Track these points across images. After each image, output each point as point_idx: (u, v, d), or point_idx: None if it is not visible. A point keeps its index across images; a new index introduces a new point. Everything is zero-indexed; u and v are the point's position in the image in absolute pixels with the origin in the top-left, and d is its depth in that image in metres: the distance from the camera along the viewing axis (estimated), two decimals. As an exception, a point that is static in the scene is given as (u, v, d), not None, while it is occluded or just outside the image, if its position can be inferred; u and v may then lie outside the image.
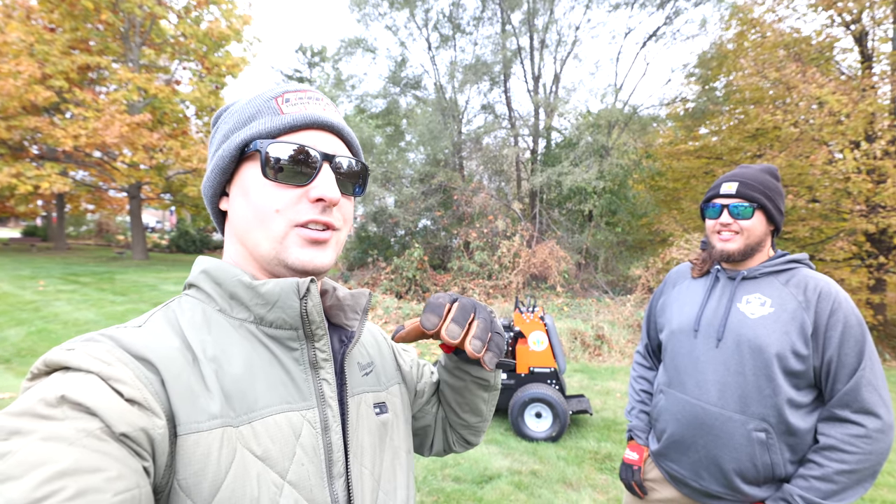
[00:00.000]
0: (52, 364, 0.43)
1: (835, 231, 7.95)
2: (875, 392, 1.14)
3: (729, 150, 10.03)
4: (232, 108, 0.61)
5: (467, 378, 0.75)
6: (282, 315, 0.54)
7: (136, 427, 0.41)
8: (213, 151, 0.60)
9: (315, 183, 0.55)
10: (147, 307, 8.20)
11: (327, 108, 0.59)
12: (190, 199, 17.22)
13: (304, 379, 0.55)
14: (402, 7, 11.68)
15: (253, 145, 0.55)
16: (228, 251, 0.61)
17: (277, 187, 0.54)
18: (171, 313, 0.54)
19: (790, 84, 7.43)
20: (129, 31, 14.64)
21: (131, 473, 0.39)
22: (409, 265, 9.27)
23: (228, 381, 0.49)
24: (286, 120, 0.56)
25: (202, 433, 0.45)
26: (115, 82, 14.11)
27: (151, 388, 0.44)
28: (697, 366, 1.32)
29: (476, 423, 0.81)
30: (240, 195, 0.57)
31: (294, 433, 0.51)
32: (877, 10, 7.57)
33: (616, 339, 6.66)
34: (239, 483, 0.46)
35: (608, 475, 3.15)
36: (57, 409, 0.39)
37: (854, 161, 6.78)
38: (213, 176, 0.58)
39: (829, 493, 1.13)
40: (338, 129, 0.59)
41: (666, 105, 11.61)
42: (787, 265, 1.29)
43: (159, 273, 12.82)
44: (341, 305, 0.64)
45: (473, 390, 0.76)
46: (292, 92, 0.58)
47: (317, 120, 0.57)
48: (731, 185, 1.30)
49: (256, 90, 0.61)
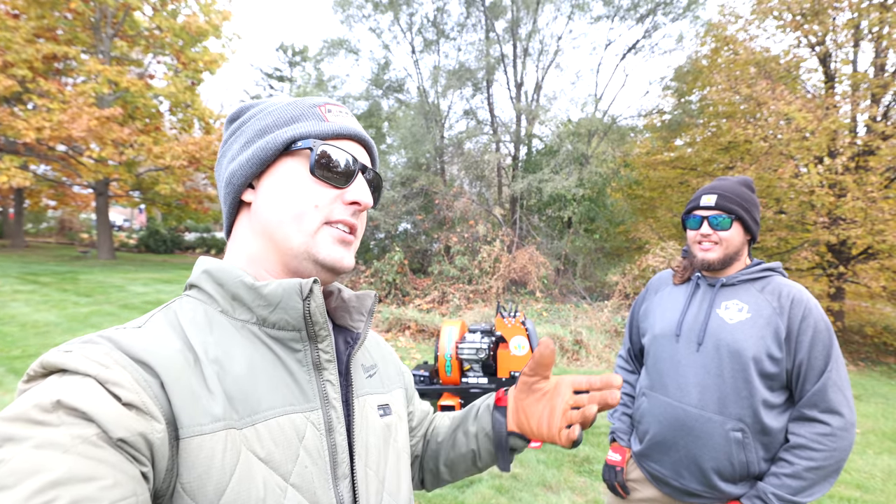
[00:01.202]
0: (48, 366, 0.42)
1: (800, 241, 8.31)
2: (840, 392, 1.22)
3: (703, 161, 10.39)
4: (262, 107, 0.62)
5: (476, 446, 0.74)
6: (284, 316, 0.54)
7: (134, 432, 0.40)
8: (241, 144, 0.60)
9: (352, 187, 0.59)
10: (114, 309, 7.91)
11: (358, 124, 0.64)
12: (162, 198, 16.64)
13: (308, 380, 0.55)
14: (387, 10, 11.68)
15: (304, 143, 0.58)
16: (241, 245, 0.60)
17: (319, 185, 0.58)
18: (172, 314, 0.53)
19: (760, 100, 7.76)
20: (101, 21, 14.15)
21: (128, 480, 0.38)
22: (389, 269, 9.23)
23: (231, 382, 0.49)
24: (333, 127, 0.60)
25: (205, 436, 0.45)
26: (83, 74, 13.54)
27: (150, 391, 0.44)
28: (679, 369, 1.37)
29: (444, 479, 0.81)
30: (277, 186, 0.58)
31: (297, 435, 0.51)
32: (839, 34, 8.00)
33: (594, 344, 6.79)
34: (244, 485, 0.45)
35: (587, 478, 3.21)
36: (52, 414, 0.38)
37: (818, 175, 7.12)
38: (249, 165, 0.58)
39: (799, 490, 1.20)
40: (369, 144, 0.65)
41: (644, 116, 11.94)
42: (763, 273, 1.36)
43: (127, 273, 12.34)
44: (347, 307, 0.65)
45: (469, 459, 0.76)
46: (332, 104, 0.63)
47: (356, 133, 0.62)
48: (710, 197, 1.36)
49: (292, 96, 0.65)
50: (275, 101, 0.62)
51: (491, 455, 0.72)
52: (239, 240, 0.60)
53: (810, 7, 7.81)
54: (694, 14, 10.60)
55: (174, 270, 13.96)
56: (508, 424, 0.69)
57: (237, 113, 0.64)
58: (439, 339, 3.98)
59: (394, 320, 7.47)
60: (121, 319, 7.23)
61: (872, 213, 6.70)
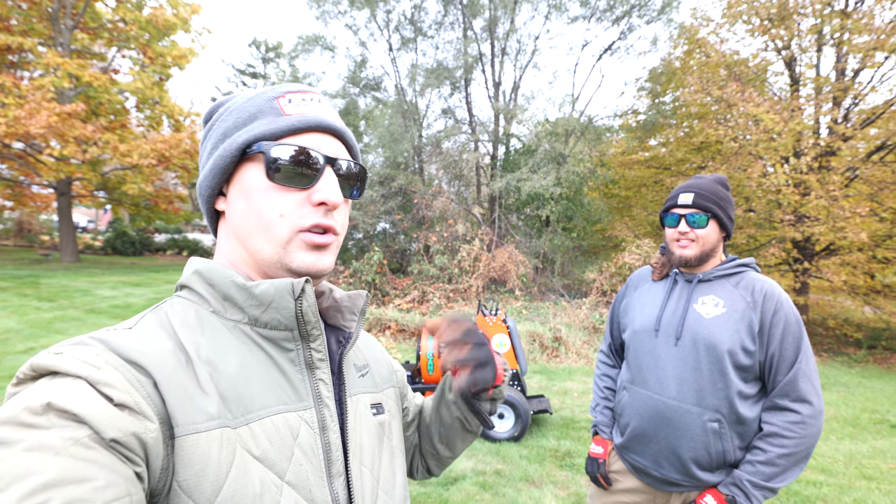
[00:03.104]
0: (38, 368, 0.42)
1: (767, 238, 8.64)
2: (809, 382, 1.27)
3: (676, 161, 10.68)
4: (228, 105, 0.60)
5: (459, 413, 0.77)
6: (276, 316, 0.54)
7: (127, 432, 0.40)
8: (208, 150, 0.59)
9: (318, 186, 0.55)
10: (79, 314, 7.60)
11: (328, 110, 0.59)
12: (129, 198, 16.00)
13: (301, 380, 0.55)
14: (363, 6, 11.56)
15: (256, 147, 0.54)
16: (224, 251, 0.59)
17: (280, 190, 0.54)
18: (163, 315, 0.53)
19: (731, 102, 8.03)
20: (59, 11, 13.52)
21: (121, 481, 0.38)
22: (367, 269, 9.16)
23: (224, 382, 0.49)
24: (289, 122, 0.55)
25: (201, 434, 0.45)
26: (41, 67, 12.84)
27: (143, 391, 0.43)
28: (658, 363, 1.40)
29: (445, 457, 0.83)
30: (240, 197, 0.56)
31: (292, 434, 0.51)
32: (804, 39, 8.33)
33: (573, 341, 6.89)
34: (241, 482, 0.45)
35: (568, 471, 3.26)
36: (42, 417, 0.37)
37: (784, 175, 7.42)
38: (211, 176, 0.57)
39: (772, 476, 1.25)
40: (339, 132, 0.59)
41: (619, 116, 12.18)
42: (737, 269, 1.41)
43: (93, 277, 11.84)
44: (339, 307, 0.65)
45: (458, 427, 0.78)
46: (294, 92, 0.58)
47: (320, 122, 0.57)
48: (687, 195, 1.40)
49: (257, 89, 0.60)
50: (239, 97, 0.60)
51: (475, 417, 0.74)
52: (221, 246, 0.60)
53: (777, 12, 8.12)
54: (668, 17, 10.88)
55: (144, 273, 13.50)
56: (460, 385, 0.71)
57: (208, 113, 0.62)
58: (421, 338, 3.98)
59: (374, 321, 7.42)
60: (87, 325, 6.96)
61: (834, 210, 7.01)
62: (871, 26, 7.30)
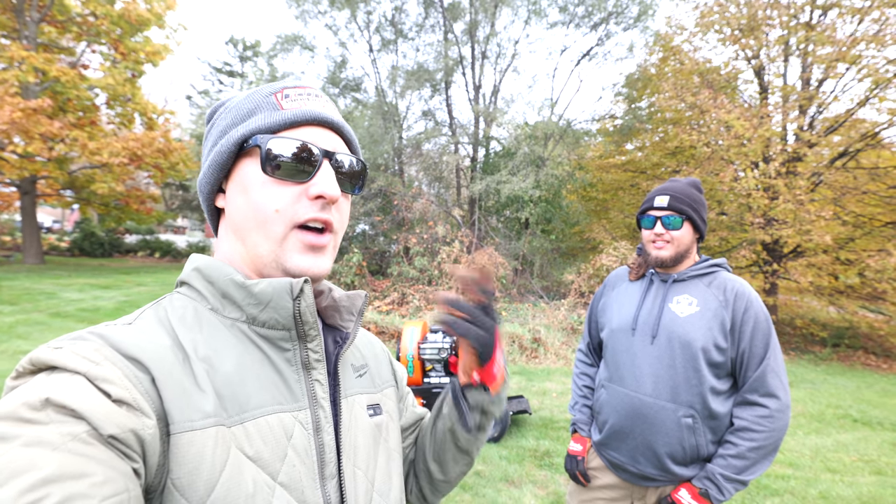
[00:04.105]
0: (38, 363, 0.42)
1: (739, 241, 8.91)
2: (777, 377, 1.32)
3: (652, 165, 10.94)
4: (228, 103, 0.61)
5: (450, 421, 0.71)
6: (274, 315, 0.53)
7: (125, 428, 0.40)
8: (208, 147, 0.59)
9: (315, 180, 0.55)
10: (44, 318, 7.30)
11: (327, 105, 0.59)
12: (98, 197, 15.44)
13: (297, 380, 0.55)
14: (344, 7, 11.46)
15: (252, 140, 0.54)
16: (224, 249, 0.59)
17: (277, 184, 0.54)
18: (162, 311, 0.53)
19: (703, 108, 8.27)
20: (25, 3, 13.00)
21: (119, 477, 0.38)
22: (347, 270, 9.08)
23: (220, 381, 0.49)
24: (286, 115, 0.55)
25: (196, 432, 0.44)
26: (4, 60, 12.32)
27: (141, 387, 0.43)
28: (635, 361, 1.43)
29: (438, 480, 0.75)
30: (238, 192, 0.56)
31: (286, 434, 0.51)
32: (772, 49, 8.65)
33: (551, 342, 6.96)
34: (234, 482, 0.45)
35: (547, 471, 3.29)
36: (41, 412, 0.37)
37: (754, 179, 7.67)
38: (210, 172, 0.57)
39: (743, 469, 1.29)
40: (338, 126, 0.59)
41: (597, 121, 12.40)
42: (710, 269, 1.45)
43: (58, 279, 11.38)
44: (337, 307, 0.64)
45: (449, 442, 0.72)
46: (291, 88, 0.58)
47: (317, 116, 0.56)
48: (663, 198, 1.44)
49: (253, 87, 0.61)
50: (239, 94, 0.60)
51: (464, 429, 0.69)
52: (221, 244, 0.60)
53: (747, 23, 8.41)
54: (644, 24, 11.13)
55: (113, 275, 13.06)
56: (460, 378, 0.69)
57: (210, 113, 0.63)
58: (401, 340, 3.96)
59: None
60: (52, 329, 6.69)
61: (801, 214, 7.29)
62: (833, 38, 7.63)
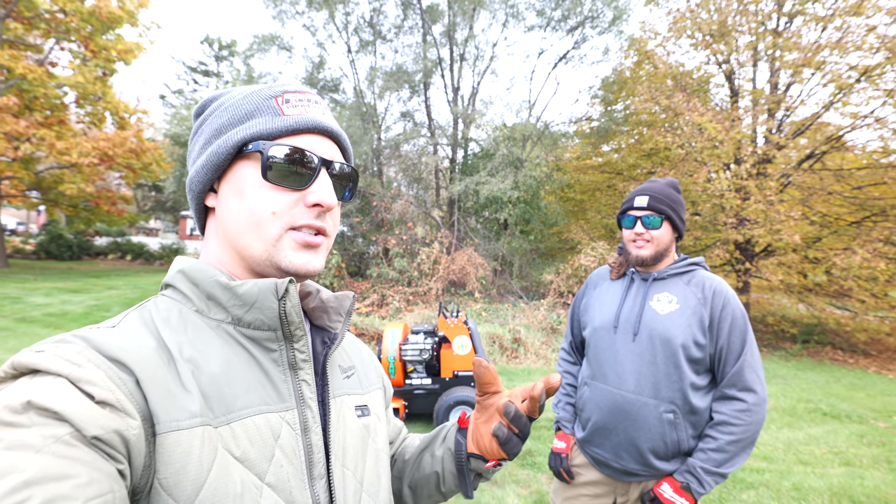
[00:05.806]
0: (19, 367, 0.42)
1: (712, 240, 9.16)
2: (753, 372, 1.35)
3: (628, 166, 11.15)
4: (221, 101, 0.59)
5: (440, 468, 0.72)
6: (260, 316, 0.53)
7: (109, 429, 0.40)
8: (200, 144, 0.58)
9: (313, 188, 0.55)
10: (8, 323, 6.99)
11: (326, 113, 0.60)
12: (66, 198, 14.87)
13: (283, 380, 0.54)
14: (321, 7, 11.35)
15: (254, 146, 0.54)
16: (211, 249, 0.59)
17: (275, 189, 0.54)
18: (147, 313, 0.53)
19: (677, 111, 8.47)
20: (-10, -1, 12.50)
21: (103, 478, 0.38)
22: (326, 272, 8.97)
23: (206, 382, 0.49)
24: (288, 122, 0.55)
25: (182, 431, 0.44)
26: (-33, 57, 11.87)
27: (125, 388, 0.43)
28: (617, 358, 1.45)
29: (407, 502, 0.76)
30: (233, 194, 0.56)
31: (273, 435, 0.51)
32: (741, 55, 8.93)
33: (531, 342, 7.02)
34: (222, 482, 0.45)
35: (530, 470, 3.31)
36: (23, 415, 0.37)
37: (726, 180, 7.89)
38: (203, 172, 0.57)
39: (723, 462, 1.32)
40: (335, 135, 0.60)
41: (574, 123, 12.59)
42: (689, 267, 1.48)
43: (24, 283, 10.90)
44: (325, 307, 0.64)
45: (432, 482, 0.73)
46: (291, 92, 0.58)
47: (318, 125, 0.57)
48: (643, 198, 1.46)
49: (252, 86, 0.60)
50: (235, 92, 0.60)
51: (454, 478, 0.70)
52: (208, 243, 0.60)
53: (717, 28, 8.66)
54: (618, 29, 11.36)
55: (82, 279, 12.59)
56: (468, 446, 0.68)
57: (201, 107, 0.62)
58: (382, 341, 3.93)
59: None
60: (17, 334, 6.40)
61: (771, 214, 7.54)
62: (799, 45, 7.92)
